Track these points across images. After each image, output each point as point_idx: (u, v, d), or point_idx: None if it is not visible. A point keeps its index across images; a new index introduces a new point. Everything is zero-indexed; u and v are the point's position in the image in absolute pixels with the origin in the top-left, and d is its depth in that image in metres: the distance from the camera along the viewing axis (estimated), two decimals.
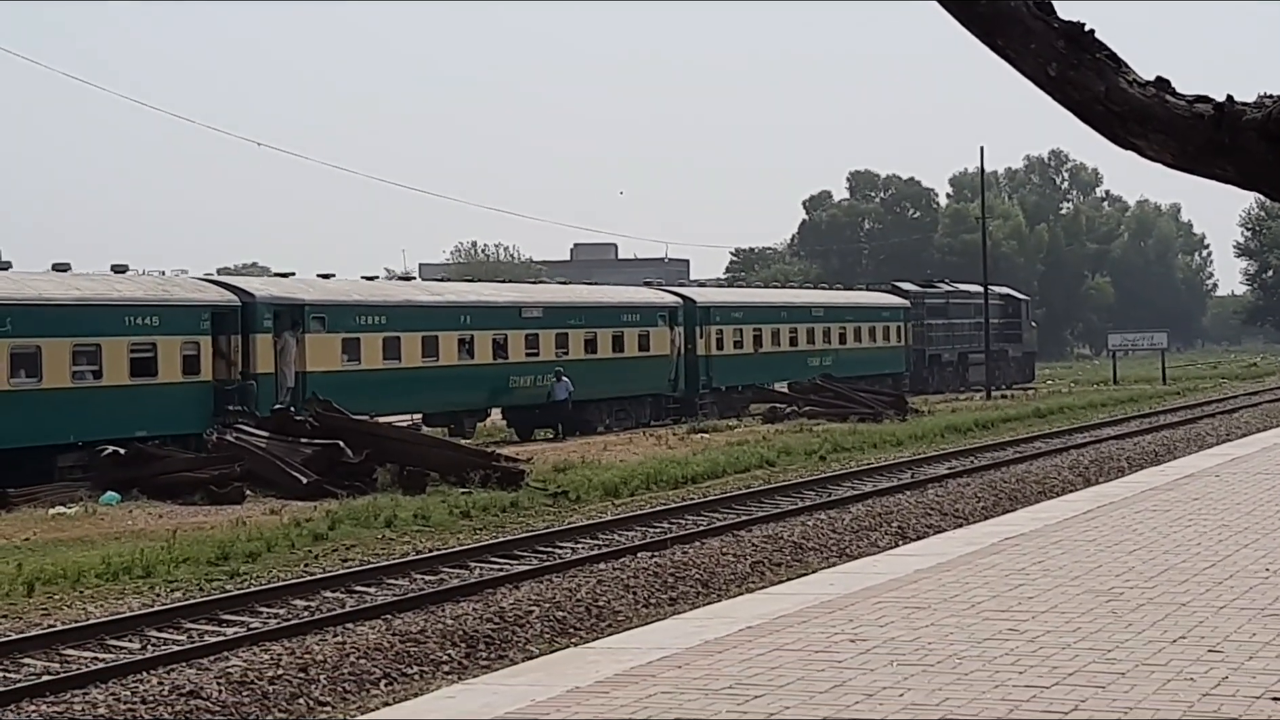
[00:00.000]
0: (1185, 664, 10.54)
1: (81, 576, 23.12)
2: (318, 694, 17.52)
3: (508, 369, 51.23)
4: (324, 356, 44.51)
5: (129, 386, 38.53)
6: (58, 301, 37.73)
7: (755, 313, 66.24)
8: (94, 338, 38.17)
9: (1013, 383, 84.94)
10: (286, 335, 43.57)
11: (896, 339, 76.20)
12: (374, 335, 46.54)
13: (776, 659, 11.04)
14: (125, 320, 39.10)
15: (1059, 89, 5.06)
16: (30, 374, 36.57)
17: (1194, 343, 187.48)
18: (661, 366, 58.96)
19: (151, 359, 39.49)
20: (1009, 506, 30.22)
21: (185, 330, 40.61)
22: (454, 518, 29.84)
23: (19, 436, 35.53)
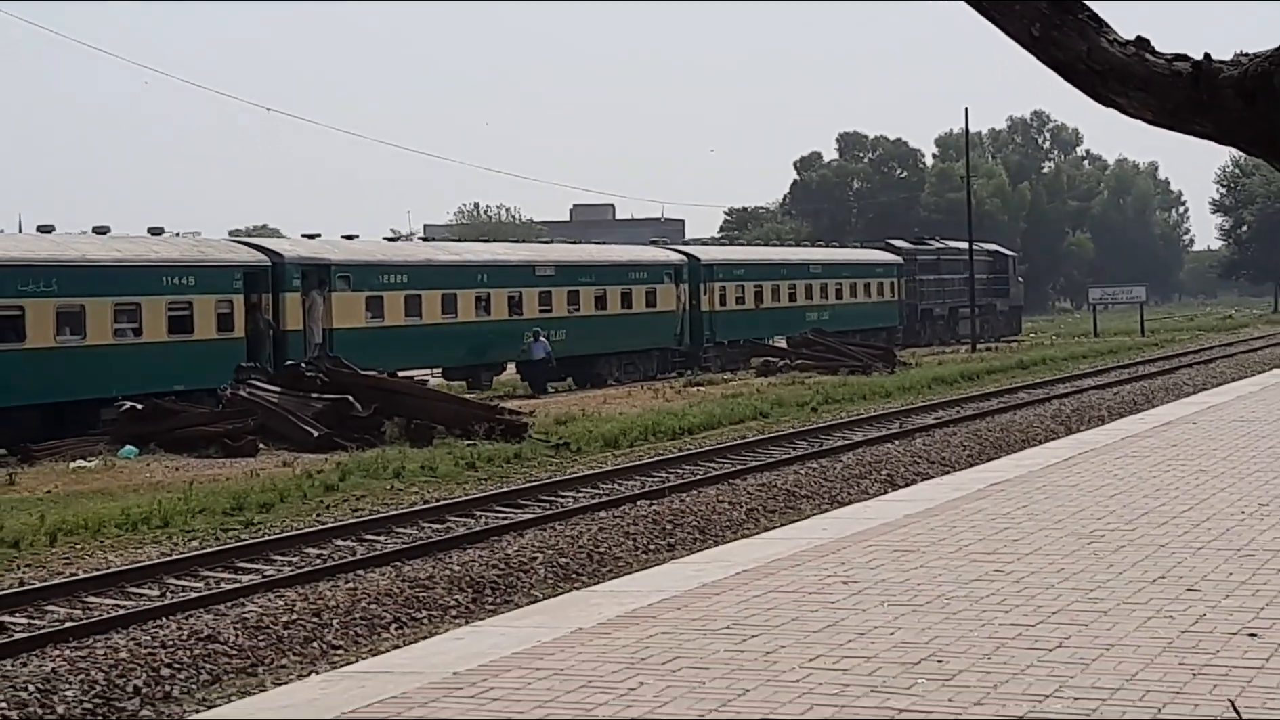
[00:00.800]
0: (1164, 602, 10.59)
1: (102, 527, 23.17)
2: (330, 638, 17.58)
3: (522, 325, 51.63)
4: (349, 314, 45.26)
5: (167, 343, 39.34)
6: (100, 262, 38.35)
7: (756, 270, 66.77)
8: (134, 297, 38.90)
9: (1001, 335, 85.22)
10: (314, 294, 44.14)
11: (890, 294, 76.67)
12: (396, 293, 47.21)
13: (772, 601, 11.08)
14: (163, 280, 39.82)
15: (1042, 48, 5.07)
16: (75, 331, 37.18)
17: (1171, 296, 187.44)
18: (668, 322, 59.55)
19: (188, 317, 40.24)
20: (994, 454, 30.27)
21: (219, 289, 41.27)
22: (460, 469, 29.87)
23: (65, 391, 36.21)
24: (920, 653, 9.30)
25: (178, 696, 15.50)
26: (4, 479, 28.61)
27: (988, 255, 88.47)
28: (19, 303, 35.97)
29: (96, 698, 15.09)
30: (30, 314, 36.14)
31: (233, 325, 41.36)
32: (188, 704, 15.22)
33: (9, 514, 23.97)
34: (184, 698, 15.48)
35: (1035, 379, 53.90)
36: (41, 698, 14.86)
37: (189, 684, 15.83)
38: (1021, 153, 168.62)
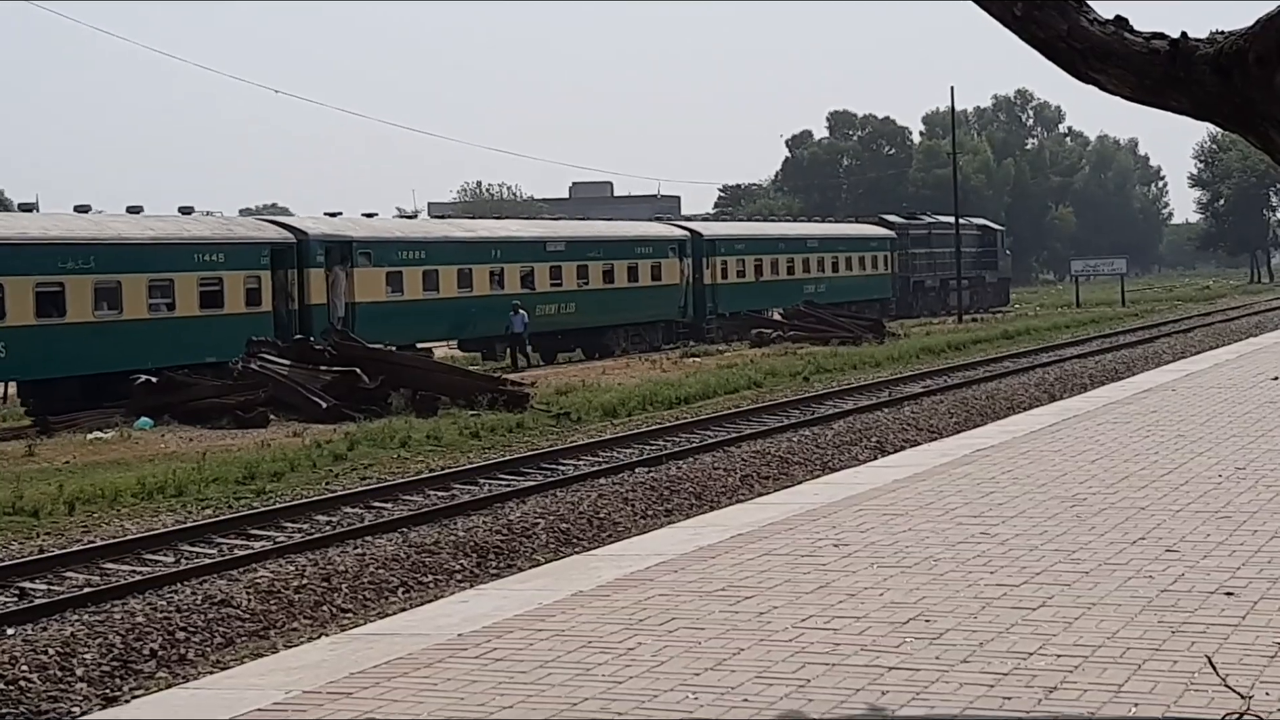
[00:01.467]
0: (1145, 563, 10.60)
1: (118, 496, 23.19)
2: (339, 601, 17.61)
3: (534, 298, 52.07)
4: (370, 288, 45.59)
5: (199, 317, 39.90)
6: (135, 241, 39.10)
7: (756, 244, 67.54)
8: (167, 273, 39.49)
9: (989, 306, 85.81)
10: (337, 269, 44.57)
11: (884, 267, 77.40)
12: (415, 269, 47.71)
13: (765, 563, 11.10)
14: (195, 257, 40.44)
15: (1024, 28, 5.07)
16: (112, 306, 37.86)
17: (1151, 268, 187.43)
18: (672, 295, 60.20)
19: (218, 292, 40.79)
20: (979, 421, 30.25)
21: (247, 265, 41.82)
22: (464, 438, 29.89)
23: (103, 363, 36.65)
24: (908, 612, 9.31)
25: (192, 659, 15.53)
26: (23, 450, 28.63)
27: (977, 229, 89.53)
28: (60, 279, 36.61)
29: (114, 660, 15.12)
30: (70, 290, 36.79)
31: (260, 300, 41.99)
32: (202, 666, 15.24)
33: (29, 484, 23.98)
34: (198, 660, 15.51)
35: (1019, 349, 53.91)
36: (61, 660, 14.89)
37: (203, 646, 15.86)
38: (1006, 130, 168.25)
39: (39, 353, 35.49)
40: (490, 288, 50.73)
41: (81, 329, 36.79)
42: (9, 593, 17.69)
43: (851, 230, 79.58)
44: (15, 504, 22.20)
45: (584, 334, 55.32)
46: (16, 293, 35.59)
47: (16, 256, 35.76)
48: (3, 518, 21.69)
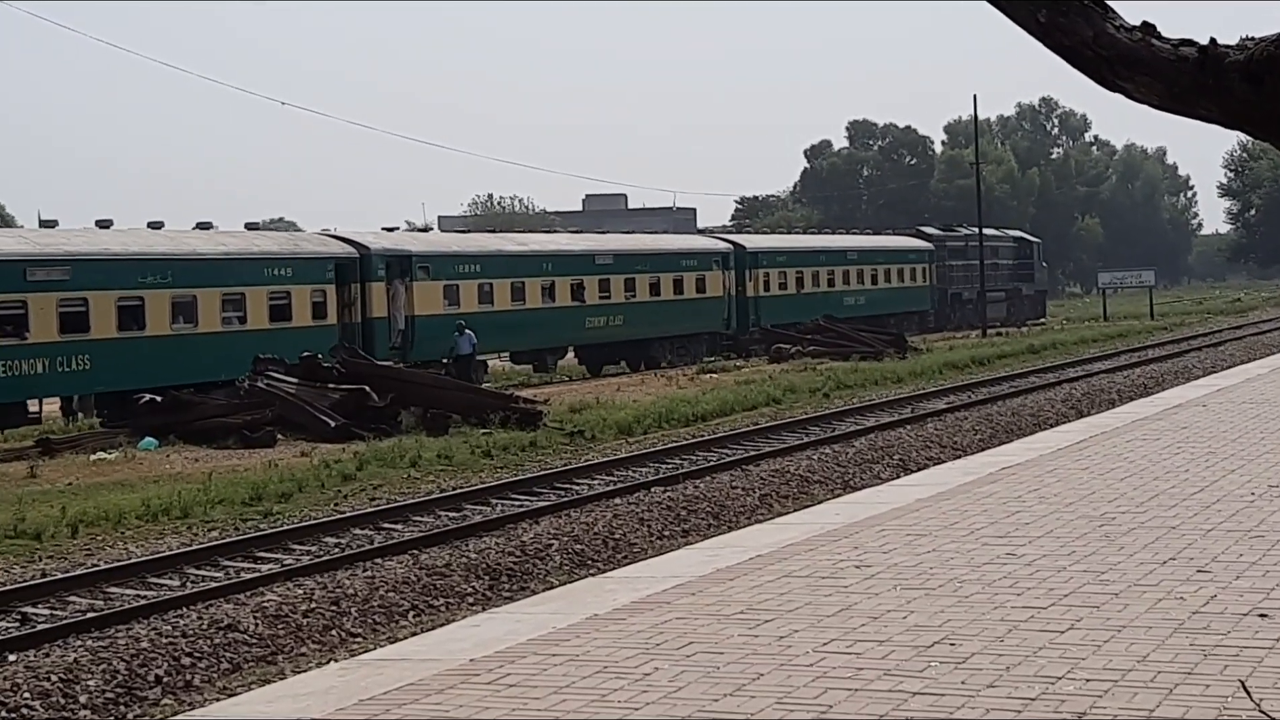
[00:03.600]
0: (1175, 584, 10.57)
1: (122, 518, 23.20)
2: (349, 626, 17.60)
3: (584, 311, 54.06)
4: (429, 301, 47.42)
5: (268, 330, 41.57)
6: (209, 256, 41.29)
7: (797, 257, 69.11)
8: (239, 287, 41.56)
9: (1026, 319, 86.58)
10: (397, 283, 46.26)
11: (922, 279, 78.96)
12: (470, 282, 49.59)
13: (785, 585, 11.08)
14: (264, 271, 42.40)
15: (1048, 35, 5.05)
16: (188, 320, 39.95)
17: (1180, 280, 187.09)
18: (716, 307, 61.75)
19: (286, 305, 42.83)
20: (1005, 438, 30.22)
21: (314, 280, 43.84)
22: (476, 457, 29.89)
23: (179, 375, 38.11)
24: (933, 635, 9.29)
25: (198, 685, 15.52)
26: (26, 471, 28.67)
27: (1013, 242, 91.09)
28: (139, 293, 38.67)
29: (119, 687, 15.12)
30: (149, 304, 38.87)
31: (326, 313, 43.92)
32: (208, 692, 15.24)
33: (31, 506, 24.01)
34: (205, 686, 15.50)
35: (1046, 363, 53.84)
36: (65, 687, 14.89)
37: (209, 672, 15.86)
38: (1030, 139, 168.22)
39: (120, 365, 37.14)
40: (542, 300, 52.35)
41: (160, 342, 38.73)
42: (11, 618, 17.71)
43: (890, 243, 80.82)
44: (17, 526, 22.22)
45: (630, 346, 56.78)
46: (100, 307, 37.55)
47: (100, 271, 37.72)
48: (4, 541, 21.71)
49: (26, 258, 36.79)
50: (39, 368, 36.25)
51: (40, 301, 36.42)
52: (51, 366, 36.50)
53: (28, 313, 36.21)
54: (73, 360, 36.82)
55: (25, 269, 36.39)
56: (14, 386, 36.11)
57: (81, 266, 37.44)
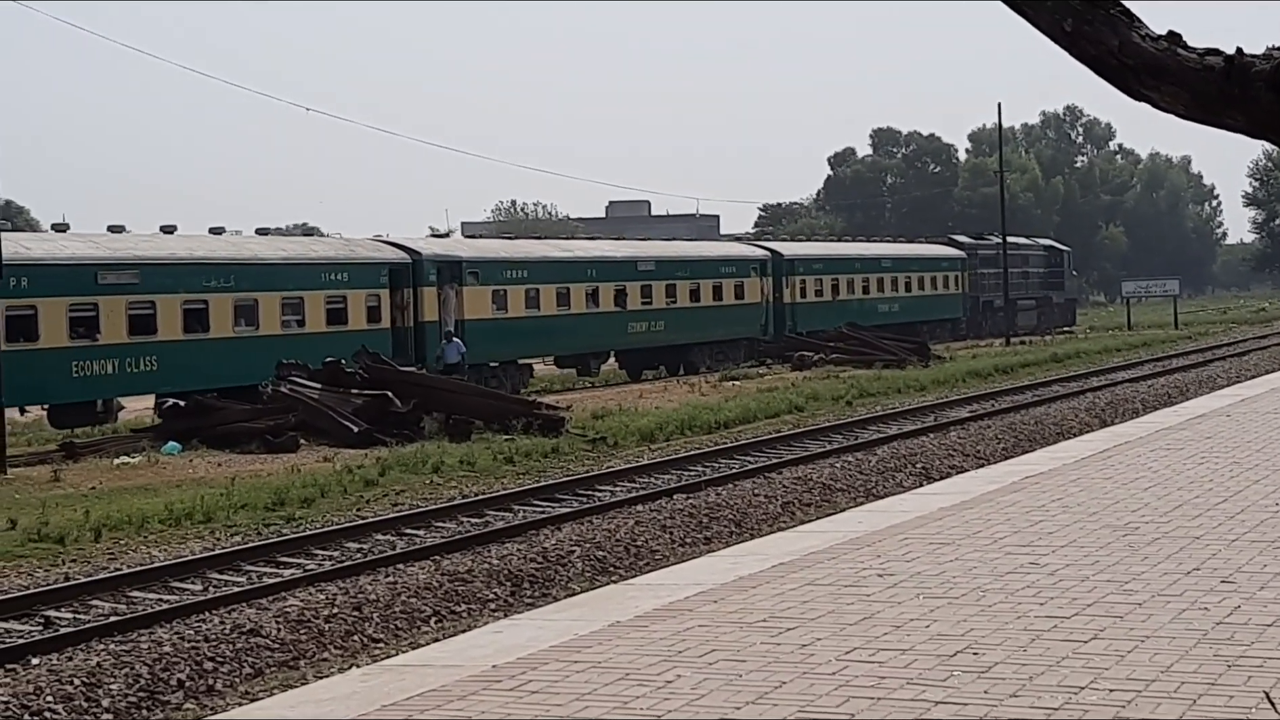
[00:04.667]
0: (1199, 594, 10.54)
1: (145, 522, 23.26)
2: (371, 631, 17.63)
3: (626, 316, 55.23)
4: (478, 306, 48.55)
5: (325, 333, 42.67)
6: (269, 261, 42.81)
7: (833, 264, 70.12)
8: (298, 291, 42.91)
9: (1056, 326, 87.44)
10: (447, 288, 47.47)
11: (955, 287, 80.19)
12: (518, 287, 50.67)
13: (808, 593, 11.07)
14: (321, 276, 43.82)
15: (1074, 43, 5.04)
16: (249, 323, 41.46)
17: (1205, 289, 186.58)
18: (754, 313, 62.86)
19: (343, 309, 44.16)
20: (1028, 447, 30.16)
21: (368, 284, 45.18)
22: (498, 463, 29.90)
23: (240, 376, 39.11)
24: (956, 645, 9.27)
25: (220, 689, 15.56)
26: (49, 475, 28.75)
27: (1044, 250, 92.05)
28: (204, 297, 40.16)
29: (141, 691, 15.16)
30: (213, 307, 40.32)
31: (380, 317, 45.20)
32: (230, 697, 15.28)
33: (54, 510, 24.09)
34: (227, 690, 15.54)
35: (1069, 372, 53.74)
36: (87, 691, 14.93)
37: (231, 677, 15.89)
38: (1055, 147, 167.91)
39: (186, 366, 38.29)
40: (586, 306, 53.47)
41: (223, 344, 39.94)
42: (34, 621, 17.76)
43: (923, 251, 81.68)
44: (41, 530, 22.29)
45: (670, 351, 57.85)
46: (167, 310, 39.08)
47: (167, 275, 39.29)
48: (28, 544, 21.78)
49: (98, 262, 38.22)
50: (109, 368, 37.69)
51: (111, 304, 37.88)
52: (121, 367, 37.93)
53: (99, 315, 37.68)
54: (141, 361, 38.29)
55: (97, 272, 37.85)
56: (86, 386, 37.54)
57: (149, 271, 38.91)
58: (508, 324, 49.50)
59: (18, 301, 35.89)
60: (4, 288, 34.48)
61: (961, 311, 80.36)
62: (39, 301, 36.45)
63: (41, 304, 36.50)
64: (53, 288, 36.73)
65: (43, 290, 36.48)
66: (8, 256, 34.29)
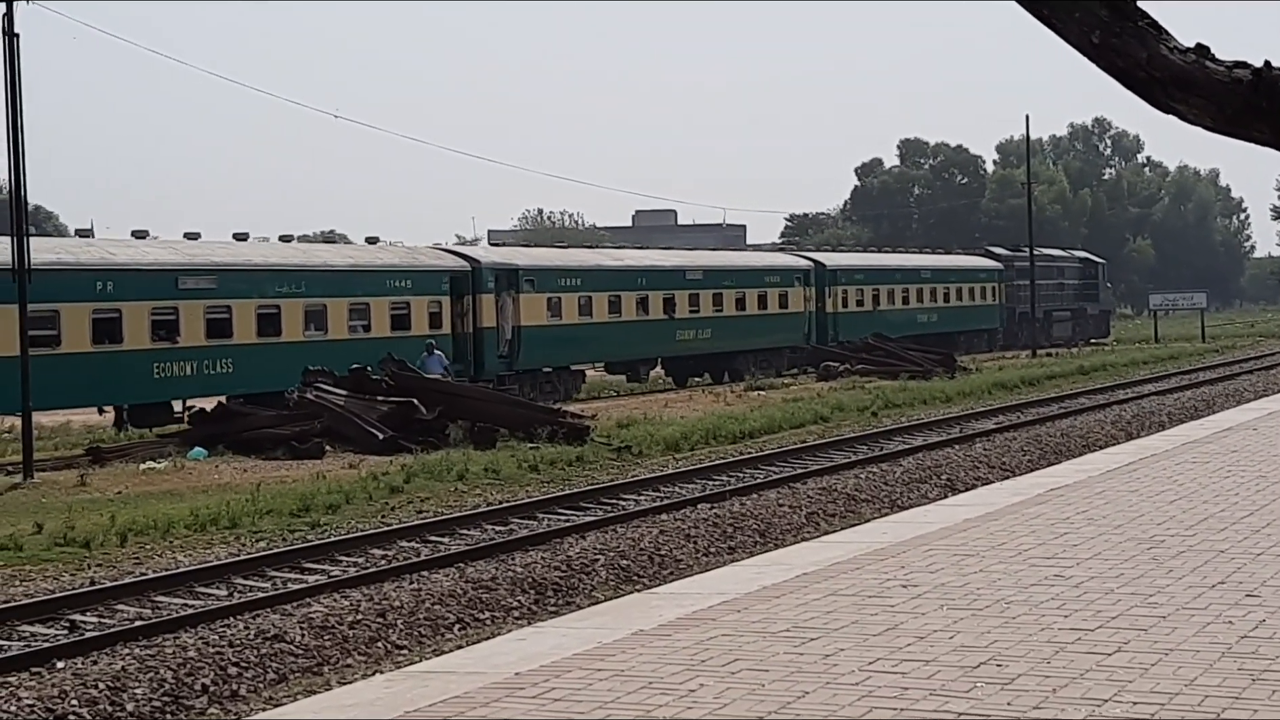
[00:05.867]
0: (1224, 608, 10.52)
1: (171, 527, 23.32)
2: (395, 638, 17.65)
3: (675, 324, 56.35)
4: (533, 313, 49.78)
5: (389, 339, 43.46)
6: (338, 267, 44.48)
7: (874, 275, 71.52)
8: (364, 297, 44.47)
9: (1090, 337, 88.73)
10: (505, 295, 48.72)
11: (992, 298, 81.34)
12: (571, 295, 51.98)
13: (831, 604, 11.06)
14: (386, 283, 45.30)
15: (1102, 56, 5.05)
16: (318, 327, 42.81)
17: (1232, 302, 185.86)
18: (798, 322, 63.98)
19: (406, 315, 45.47)
20: (1054, 459, 30.11)
21: (430, 291, 46.57)
22: (523, 471, 29.93)
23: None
24: (979, 656, 9.26)
25: (244, 695, 15.59)
26: (76, 480, 28.84)
27: (1079, 262, 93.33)
28: (276, 302, 41.60)
29: (165, 695, 15.19)
30: (285, 312, 41.74)
31: (441, 323, 46.43)
32: (254, 702, 15.30)
33: (81, 514, 24.16)
34: (251, 696, 15.57)
35: (1096, 384, 53.63)
36: (112, 695, 14.97)
37: (256, 682, 15.92)
38: (1083, 159, 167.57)
39: (260, 369, 39.36)
40: (636, 313, 54.70)
41: (294, 347, 40.77)
42: (59, 625, 17.82)
43: (962, 262, 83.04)
44: (67, 535, 22.37)
45: (716, 359, 58.81)
46: (242, 314, 40.52)
47: (242, 281, 40.84)
48: (54, 549, 21.86)
49: (178, 267, 39.65)
50: (188, 370, 39.15)
51: (190, 308, 39.37)
52: (199, 369, 39.40)
53: (179, 318, 39.15)
54: (218, 364, 39.70)
55: (177, 278, 39.32)
56: (165, 387, 38.93)
57: (226, 276, 40.46)
58: (561, 330, 50.67)
59: (103, 305, 37.43)
60: (91, 291, 36.81)
61: (998, 322, 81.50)
62: (123, 305, 37.89)
63: (125, 307, 37.94)
64: (136, 292, 38.14)
65: (127, 294, 37.94)
66: (95, 262, 37.65)
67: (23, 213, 32.09)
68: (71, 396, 37.92)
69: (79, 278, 37.04)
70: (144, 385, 38.38)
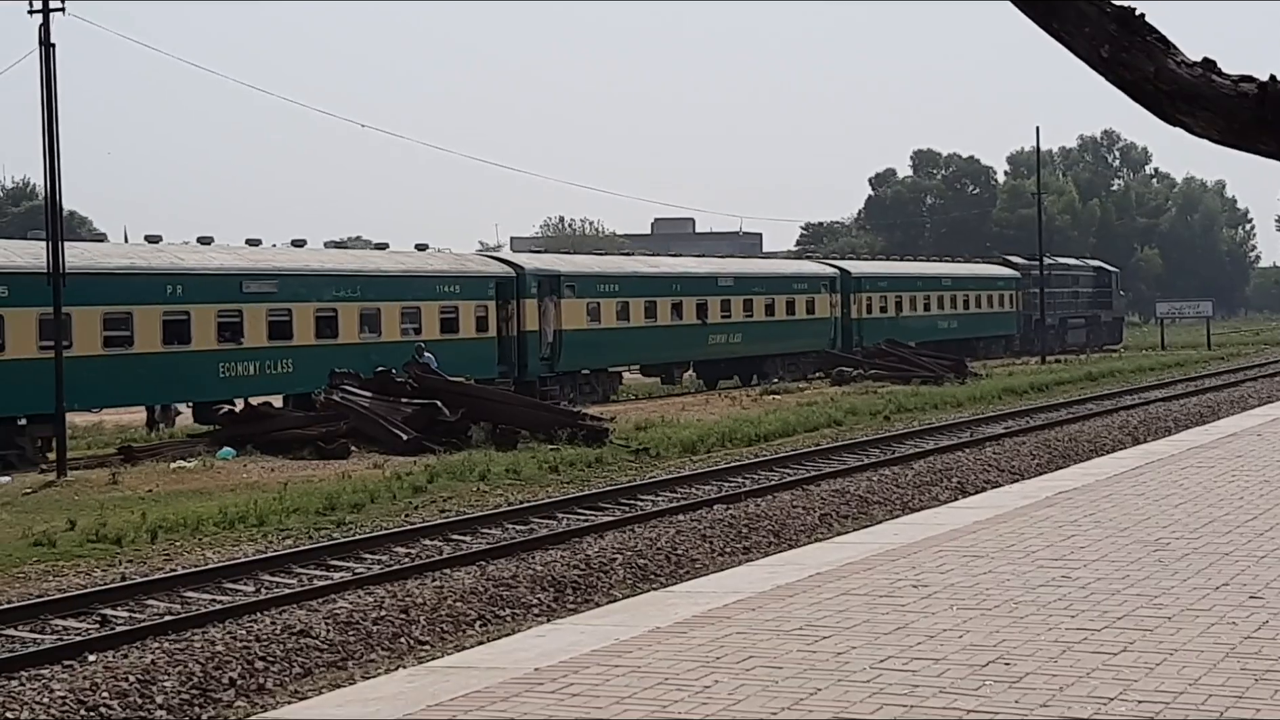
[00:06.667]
0: (1228, 609, 10.49)
1: (200, 525, 23.37)
2: (417, 633, 17.67)
3: (707, 329, 57.06)
4: (574, 318, 50.63)
5: (439, 341, 44.43)
6: (391, 273, 45.26)
7: (897, 282, 72.22)
8: (415, 301, 45.28)
9: (1104, 344, 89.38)
10: (547, 300, 49.47)
11: (1010, 305, 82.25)
12: (610, 300, 52.86)
13: (844, 603, 11.05)
14: (436, 288, 46.15)
15: (1111, 70, 5.04)
16: (372, 330, 43.75)
17: (1237, 311, 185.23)
18: (824, 327, 64.73)
19: (454, 319, 46.41)
20: (1062, 463, 30.05)
21: (477, 296, 47.51)
22: (543, 472, 29.95)
23: None
24: (988, 655, 9.25)
25: (271, 688, 15.62)
26: (108, 478, 28.90)
27: (1093, 271, 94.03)
28: (333, 305, 42.61)
29: (194, 688, 15.23)
30: (341, 315, 42.75)
31: (487, 326, 47.54)
32: (280, 696, 15.34)
33: (112, 512, 24.23)
34: (277, 689, 15.60)
35: (1103, 390, 53.53)
36: (141, 688, 15.01)
37: (282, 676, 15.95)
38: (1091, 170, 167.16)
39: (317, 370, 39.05)
40: (671, 318, 55.52)
41: (350, 349, 41.45)
42: (91, 619, 17.87)
43: (981, 270, 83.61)
44: (99, 531, 22.43)
45: (745, 362, 59.50)
46: (301, 317, 41.55)
47: (302, 285, 41.94)
48: (86, 545, 21.92)
49: (242, 272, 40.73)
50: (251, 369, 40.06)
51: (253, 311, 40.38)
52: (261, 369, 40.27)
53: (243, 321, 40.13)
54: (279, 364, 40.58)
55: (241, 282, 40.34)
56: (231, 386, 39.74)
57: (286, 281, 41.51)
58: (600, 335, 51.50)
59: (173, 308, 38.45)
60: (162, 295, 37.97)
61: (1016, 328, 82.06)
62: (192, 308, 38.86)
63: (194, 310, 38.91)
64: (203, 295, 39.14)
65: (195, 298, 38.96)
66: (166, 267, 38.75)
67: (58, 218, 32.21)
68: (143, 395, 39.30)
69: (151, 282, 38.09)
70: (210, 384, 39.25)
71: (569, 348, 49.62)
